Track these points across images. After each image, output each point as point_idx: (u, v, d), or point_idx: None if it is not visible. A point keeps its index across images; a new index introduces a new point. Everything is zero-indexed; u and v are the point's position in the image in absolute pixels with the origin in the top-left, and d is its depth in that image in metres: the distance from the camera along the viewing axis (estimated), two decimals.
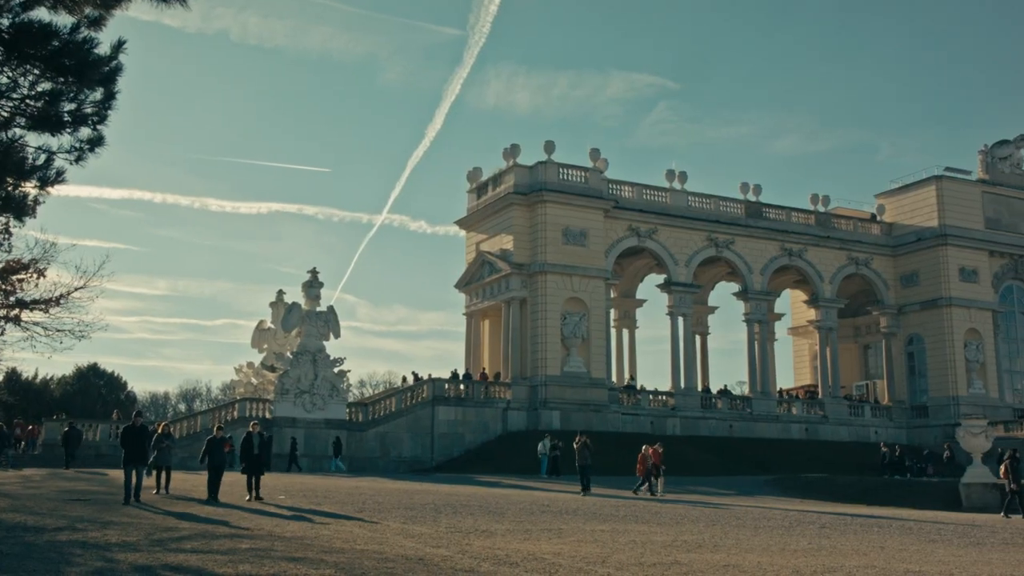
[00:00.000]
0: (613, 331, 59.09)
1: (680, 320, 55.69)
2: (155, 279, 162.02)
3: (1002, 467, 29.71)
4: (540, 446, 40.73)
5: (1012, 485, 29.03)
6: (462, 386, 49.22)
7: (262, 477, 22.61)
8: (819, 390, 60.50)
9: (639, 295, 63.42)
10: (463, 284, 56.27)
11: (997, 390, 59.93)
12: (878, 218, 63.65)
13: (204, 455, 22.11)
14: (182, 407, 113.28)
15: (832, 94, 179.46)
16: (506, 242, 52.37)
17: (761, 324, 58.52)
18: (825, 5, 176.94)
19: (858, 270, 61.27)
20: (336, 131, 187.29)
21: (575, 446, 31.96)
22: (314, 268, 45.18)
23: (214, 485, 21.19)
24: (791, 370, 71.82)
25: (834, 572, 13.02)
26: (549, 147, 52.51)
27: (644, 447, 32.77)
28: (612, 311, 58.34)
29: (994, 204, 62.61)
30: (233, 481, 23.56)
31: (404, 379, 57.42)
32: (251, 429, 22.71)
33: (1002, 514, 28.53)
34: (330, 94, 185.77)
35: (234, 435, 30.33)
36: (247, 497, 21.48)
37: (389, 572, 11.40)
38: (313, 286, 44.94)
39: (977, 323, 59.78)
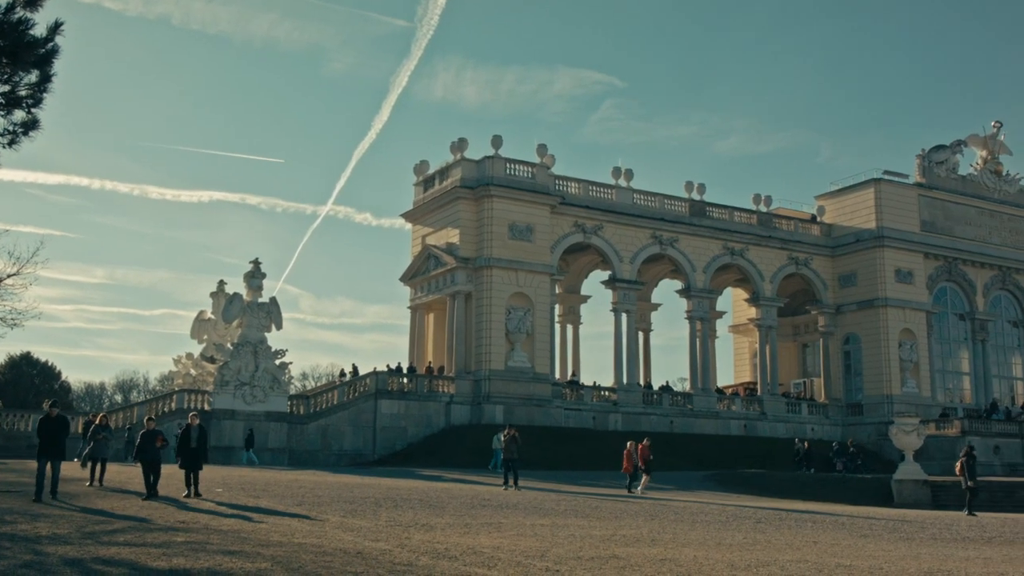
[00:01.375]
0: (557, 327, 59.35)
1: (624, 316, 56.15)
2: (92, 267, 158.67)
3: (958, 464, 30.17)
4: (495, 440, 40.44)
5: (969, 483, 29.46)
6: (405, 379, 49.04)
7: (200, 471, 22.17)
8: (758, 387, 61.48)
9: (584, 291, 63.82)
10: (408, 277, 56.05)
11: (929, 389, 61.47)
12: (818, 219, 64.81)
13: (136, 449, 21.53)
14: (118, 398, 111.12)
15: (775, 97, 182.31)
16: (452, 236, 52.27)
17: (703, 322, 59.26)
18: (770, 9, 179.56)
19: (798, 270, 62.34)
20: (281, 121, 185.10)
21: (503, 439, 31.64)
22: (256, 258, 44.60)
23: (148, 479, 20.64)
24: (731, 367, 72.96)
25: (768, 567, 13.24)
26: (496, 142, 52.52)
27: (629, 443, 32.71)
28: (557, 307, 58.60)
29: (930, 208, 64.15)
30: (171, 474, 23.18)
31: (343, 372, 57.00)
32: (189, 421, 22.22)
33: (965, 512, 28.61)
34: (275, 83, 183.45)
35: (171, 427, 29.86)
36: (184, 492, 21.12)
37: (327, 566, 11.32)
38: (255, 276, 44.34)
39: (911, 323, 61.22)
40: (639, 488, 31.45)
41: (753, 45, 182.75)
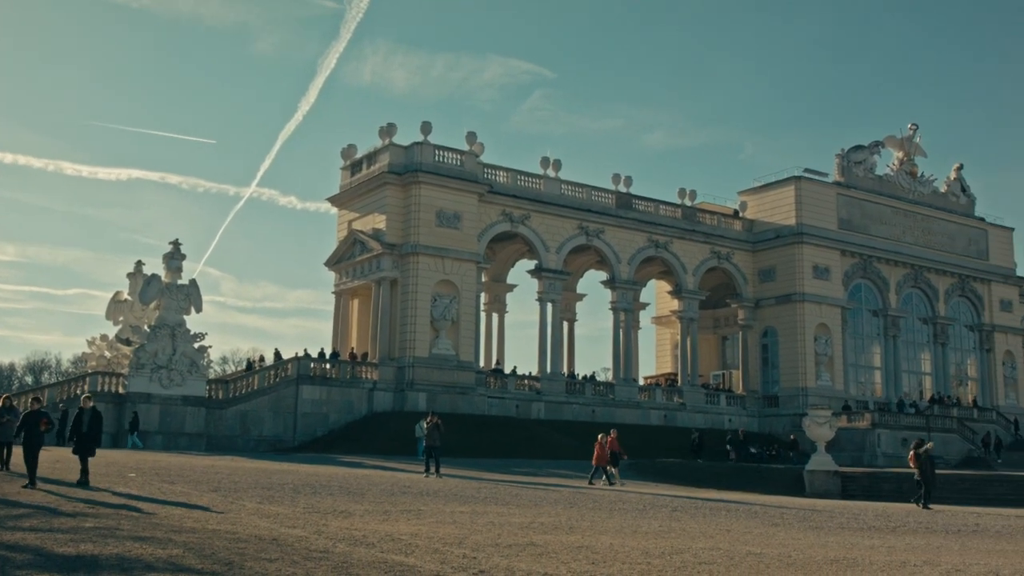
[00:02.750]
0: (483, 315, 59.42)
1: (549, 306, 56.48)
2: (2, 244, 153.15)
3: (910, 456, 30.91)
4: (418, 428, 40.37)
5: (918, 476, 30.21)
6: (328, 365, 48.56)
7: (92, 457, 20.99)
8: (679, 378, 62.52)
9: (510, 280, 63.99)
10: (333, 262, 55.45)
11: (843, 383, 63.27)
12: (740, 214, 66.06)
13: (18, 431, 20.58)
14: (29, 380, 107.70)
15: (701, 93, 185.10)
16: (379, 221, 51.85)
17: (627, 313, 59.94)
18: (698, 7, 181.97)
19: (720, 264, 63.47)
20: (205, 99, 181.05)
21: (425, 426, 31.55)
22: (176, 239, 43.61)
23: (29, 464, 18.88)
24: (653, 358, 74.04)
25: (681, 554, 13.50)
26: (426, 128, 52.22)
27: (600, 436, 32.74)
28: (483, 295, 58.64)
29: (848, 206, 65.91)
30: (61, 459, 22.45)
31: (261, 357, 56.19)
32: (82, 404, 21.22)
33: (919, 504, 29.24)
34: (200, 61, 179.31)
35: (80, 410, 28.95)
36: (78, 479, 20.31)
37: (240, 552, 11.16)
38: (175, 258, 43.36)
39: (827, 318, 62.88)
40: (617, 481, 31.64)
41: (681, 41, 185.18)
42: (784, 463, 48.21)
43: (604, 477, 31.52)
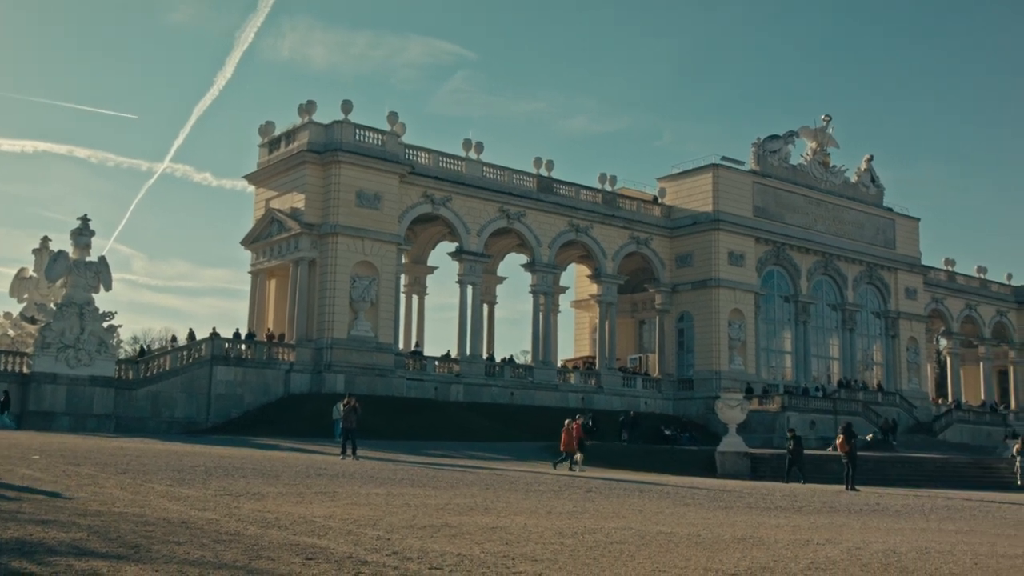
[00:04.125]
0: (403, 296, 59.19)
1: (469, 288, 56.50)
2: None
3: (838, 439, 31.90)
4: (335, 410, 39.90)
5: (846, 458, 31.12)
6: (243, 346, 47.75)
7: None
8: (596, 362, 63.28)
9: (430, 262, 63.82)
10: (250, 241, 54.44)
11: (755, 367, 64.85)
12: (659, 200, 66.99)
13: None
14: None
15: (622, 78, 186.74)
16: (297, 201, 51.07)
17: (546, 296, 60.35)
18: None
19: (638, 249, 64.31)
20: (116, 70, 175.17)
21: (342, 408, 31.36)
22: (85, 215, 42.26)
23: None
24: (572, 341, 74.77)
25: (594, 534, 13.70)
26: (346, 107, 51.54)
27: (567, 421, 32.91)
28: (403, 276, 58.38)
29: (762, 194, 67.38)
30: None
31: (174, 338, 54.94)
32: None
33: (845, 487, 30.16)
34: (109, 29, 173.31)
35: None
36: None
37: (147, 536, 10.93)
38: (83, 234, 42.03)
39: (741, 304, 64.31)
40: (578, 467, 31.88)
41: (602, 26, 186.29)
42: (699, 445, 49.23)
43: (568, 462, 31.95)
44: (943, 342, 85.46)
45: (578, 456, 32.31)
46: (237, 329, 51.06)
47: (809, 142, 72.12)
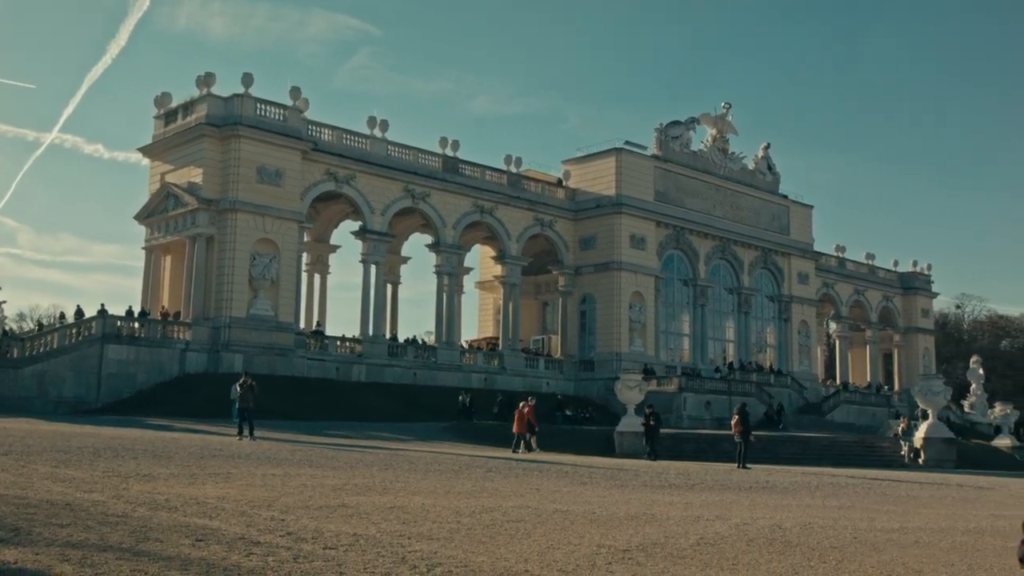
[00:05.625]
0: (304, 275, 58.28)
1: (373, 268, 55.99)
2: None
3: (733, 420, 32.70)
4: (233, 390, 38.92)
5: (738, 438, 31.90)
6: (137, 324, 46.31)
7: None
8: (500, 342, 63.56)
9: (333, 241, 62.97)
10: (144, 216, 52.69)
11: (654, 349, 66.12)
12: (564, 183, 67.48)
13: None
14: None
15: (527, 61, 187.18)
16: (195, 175, 49.63)
17: (451, 277, 60.25)
18: None
19: (543, 231, 64.72)
20: (6, 36, 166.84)
21: (239, 388, 30.82)
22: None
23: None
24: (476, 322, 74.89)
25: (491, 512, 13.81)
26: (247, 80, 50.26)
27: (521, 404, 33.20)
28: (304, 255, 57.45)
29: (664, 179, 68.53)
30: None
31: (62, 315, 52.98)
32: None
33: (737, 465, 30.95)
34: None
35: None
36: None
37: (29, 519, 10.54)
38: None
39: (642, 287, 65.42)
40: (533, 449, 32.27)
41: (509, 8, 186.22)
42: (599, 425, 50.00)
43: (523, 444, 32.42)
44: (832, 326, 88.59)
45: (532, 439, 33.18)
46: (130, 306, 49.51)
47: (709, 129, 73.58)
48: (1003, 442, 56.09)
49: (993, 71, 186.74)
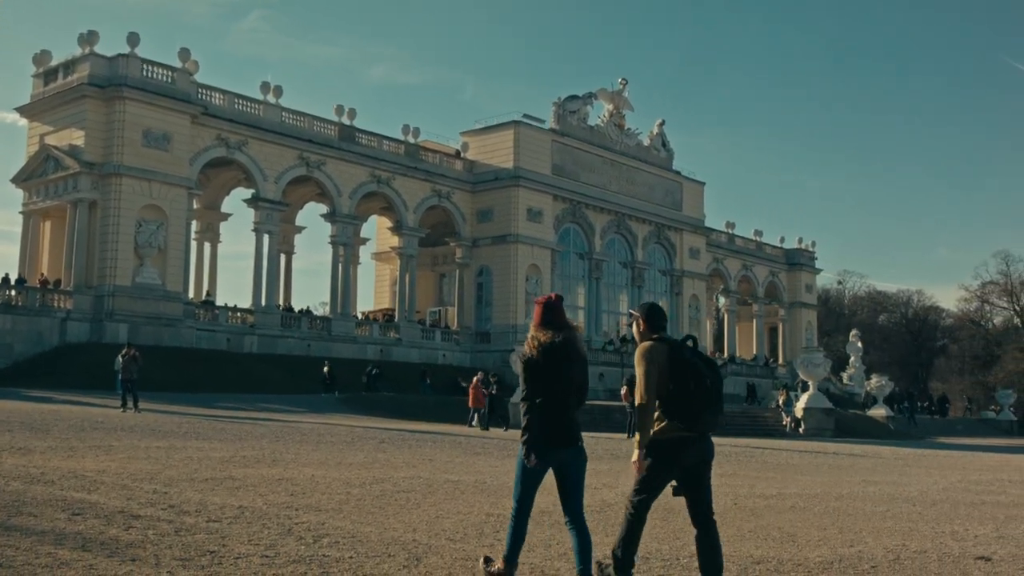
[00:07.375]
0: (194, 243, 56.66)
1: (266, 237, 54.82)
2: None
3: (623, 390, 33.07)
4: (117, 361, 37.62)
5: (629, 408, 32.07)
6: (13, 292, 44.28)
7: None
8: (396, 314, 63.20)
9: (224, 208, 61.36)
10: (22, 179, 50.24)
11: None
12: (462, 155, 67.24)
13: None
14: None
15: (426, 30, 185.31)
16: (76, 137, 47.54)
17: (346, 247, 59.47)
18: None
19: (440, 202, 64.43)
20: None
21: (122, 359, 29.91)
22: None
23: None
24: (372, 293, 74.30)
25: (382, 483, 13.79)
26: (132, 39, 48.26)
27: (475, 378, 33.45)
28: (194, 223, 55.81)
29: (561, 153, 68.98)
30: None
31: None
32: None
33: (626, 435, 31.46)
34: None
35: None
36: None
37: None
38: None
39: (538, 260, 65.90)
40: (477, 424, 32.74)
41: None
42: None
43: (477, 417, 32.81)
44: (722, 300, 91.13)
45: (485, 411, 33.80)
46: (7, 273, 47.25)
47: (606, 104, 74.30)
48: (878, 412, 58.93)
49: (881, 50, 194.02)
